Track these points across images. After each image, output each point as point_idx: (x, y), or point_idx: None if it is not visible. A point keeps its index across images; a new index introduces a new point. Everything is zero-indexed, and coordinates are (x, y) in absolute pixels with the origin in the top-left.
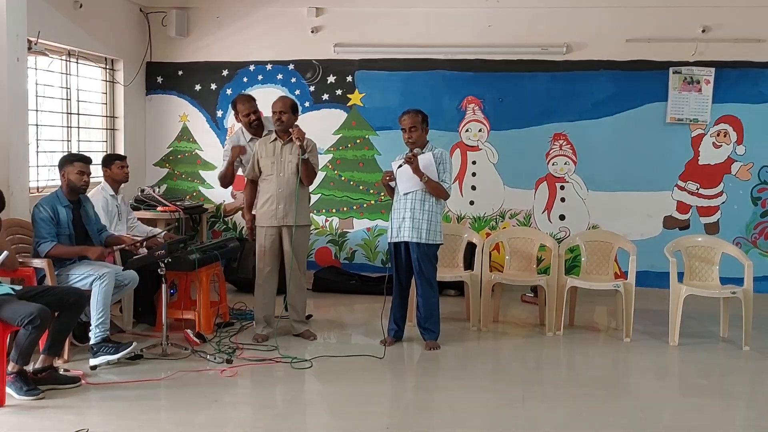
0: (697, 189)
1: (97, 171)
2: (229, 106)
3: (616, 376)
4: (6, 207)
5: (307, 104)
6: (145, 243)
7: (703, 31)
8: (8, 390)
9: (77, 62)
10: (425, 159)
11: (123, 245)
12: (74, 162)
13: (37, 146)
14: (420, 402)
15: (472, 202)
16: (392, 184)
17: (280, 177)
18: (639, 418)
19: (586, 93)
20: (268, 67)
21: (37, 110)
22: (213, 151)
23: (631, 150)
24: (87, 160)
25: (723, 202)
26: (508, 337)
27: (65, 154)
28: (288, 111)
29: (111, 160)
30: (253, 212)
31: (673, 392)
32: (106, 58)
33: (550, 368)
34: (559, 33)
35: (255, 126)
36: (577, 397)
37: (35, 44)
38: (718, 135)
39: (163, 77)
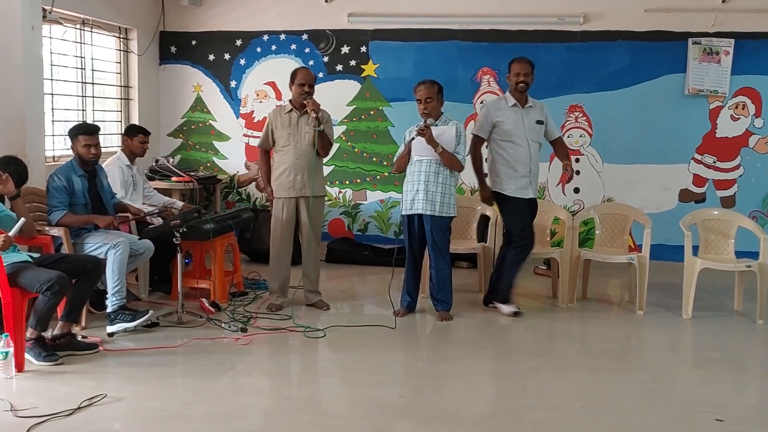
0: (714, 162)
1: (114, 140)
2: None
3: (628, 349)
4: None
5: (320, 75)
6: (156, 214)
7: (723, 1)
8: (27, 356)
9: (91, 31)
10: (438, 130)
11: (128, 214)
12: (78, 136)
13: (53, 115)
14: (432, 372)
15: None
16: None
17: (298, 148)
18: (651, 391)
19: (603, 64)
20: (282, 37)
21: (52, 79)
22: (226, 122)
23: (647, 122)
24: (90, 132)
25: (740, 176)
26: (520, 309)
27: (72, 126)
28: (314, 84)
29: (135, 132)
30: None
31: (686, 365)
32: (120, 27)
33: (563, 340)
34: (576, 3)
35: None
36: (590, 368)
37: (50, 12)
38: (736, 107)
39: (176, 47)
